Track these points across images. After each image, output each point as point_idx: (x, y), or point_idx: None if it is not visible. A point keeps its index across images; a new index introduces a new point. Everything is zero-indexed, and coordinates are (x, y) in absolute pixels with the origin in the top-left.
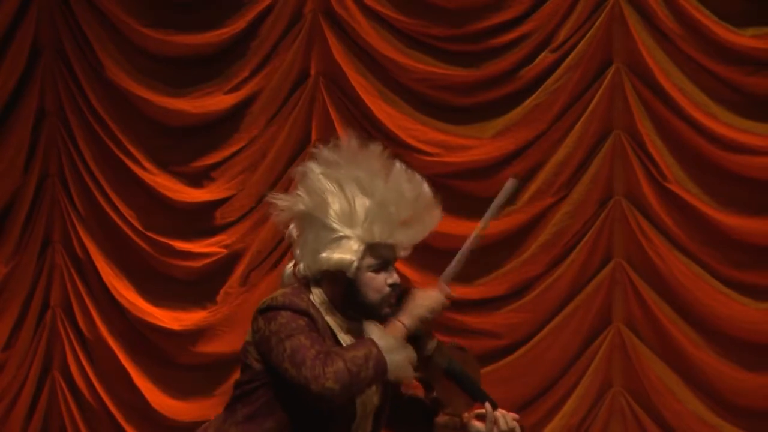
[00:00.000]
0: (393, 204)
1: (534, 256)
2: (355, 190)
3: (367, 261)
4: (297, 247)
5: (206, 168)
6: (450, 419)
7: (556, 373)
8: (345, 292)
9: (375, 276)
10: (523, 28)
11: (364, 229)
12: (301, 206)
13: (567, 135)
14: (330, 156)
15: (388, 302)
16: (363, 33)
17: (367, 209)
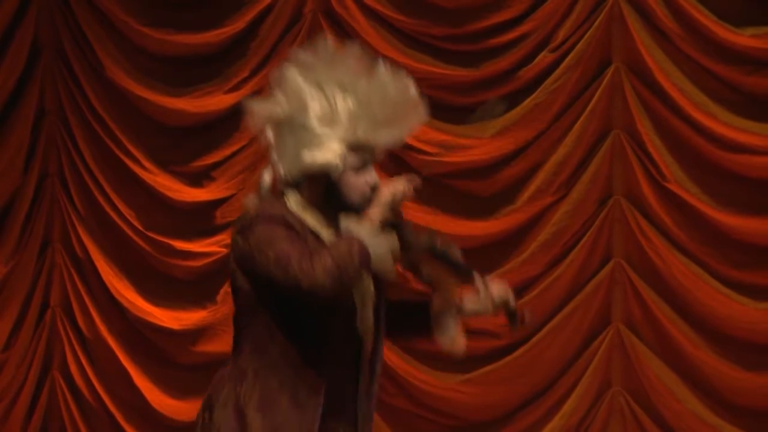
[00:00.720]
0: (377, 103)
1: (533, 256)
2: (336, 90)
3: (348, 162)
4: (275, 151)
5: (206, 167)
6: (444, 303)
7: (555, 372)
8: (325, 193)
9: (356, 177)
10: (523, 27)
11: (347, 128)
12: (279, 110)
13: (566, 134)
14: (307, 58)
15: (367, 200)
16: (363, 33)
17: (350, 109)
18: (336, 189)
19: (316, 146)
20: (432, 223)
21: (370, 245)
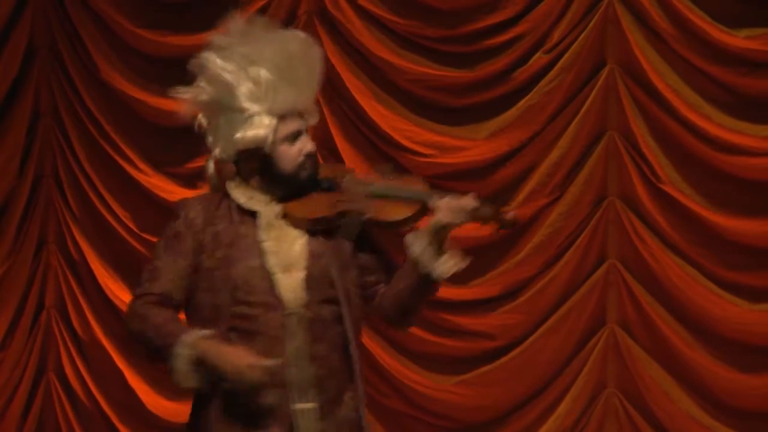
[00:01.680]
0: (285, 67)
1: (528, 257)
2: (249, 64)
3: (280, 133)
4: (209, 135)
5: (200, 169)
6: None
7: (550, 374)
8: (262, 168)
9: (289, 147)
10: (517, 29)
11: (270, 100)
12: (205, 96)
13: (561, 136)
14: (221, 41)
15: (303, 168)
16: (357, 34)
17: (265, 80)
18: (271, 161)
19: (247, 124)
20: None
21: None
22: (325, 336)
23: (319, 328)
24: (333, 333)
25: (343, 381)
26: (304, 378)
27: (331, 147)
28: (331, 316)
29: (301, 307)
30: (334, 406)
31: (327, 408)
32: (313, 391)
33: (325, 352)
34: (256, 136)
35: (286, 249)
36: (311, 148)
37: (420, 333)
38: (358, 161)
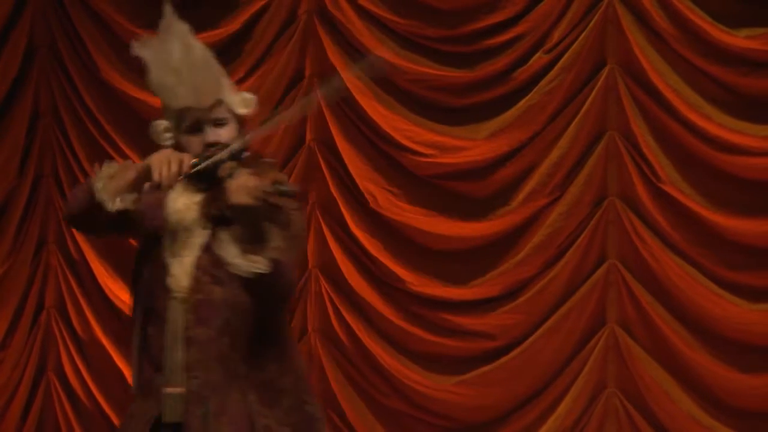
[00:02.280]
0: (163, 70)
1: (528, 257)
2: (157, 60)
3: (181, 126)
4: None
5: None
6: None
7: (550, 374)
8: None
9: (192, 139)
10: (517, 29)
11: (171, 95)
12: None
13: (561, 136)
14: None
15: (203, 154)
16: (357, 34)
17: (155, 79)
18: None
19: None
20: (427, 224)
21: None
22: (212, 319)
23: (207, 311)
24: (227, 316)
25: (236, 366)
26: (175, 362)
27: (331, 146)
28: (223, 301)
29: (186, 290)
30: (219, 393)
31: (207, 393)
32: (183, 376)
33: (209, 337)
34: (155, 126)
35: (182, 233)
36: (212, 138)
37: (420, 333)
38: (358, 161)
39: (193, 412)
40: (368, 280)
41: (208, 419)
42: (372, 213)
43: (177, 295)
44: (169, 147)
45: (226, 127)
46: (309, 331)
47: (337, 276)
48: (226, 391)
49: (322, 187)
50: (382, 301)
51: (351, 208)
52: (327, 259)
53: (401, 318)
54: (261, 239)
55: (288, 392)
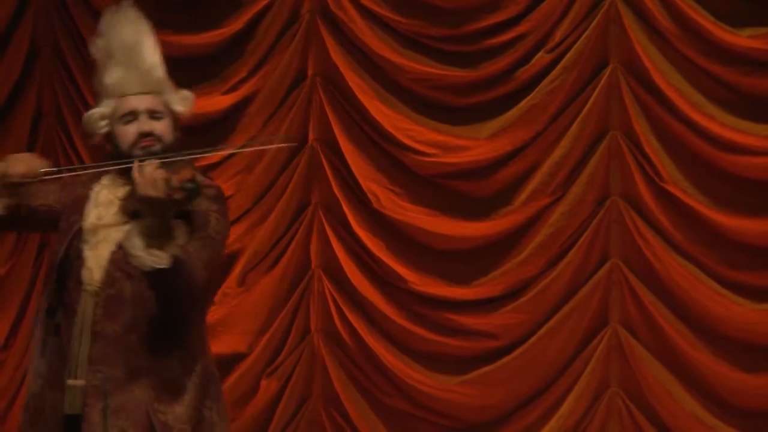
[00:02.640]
0: (104, 57)
1: (530, 257)
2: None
3: (117, 114)
4: None
5: (203, 168)
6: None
7: (553, 374)
8: (113, 150)
9: (126, 127)
10: (520, 28)
11: (102, 86)
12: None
13: (563, 135)
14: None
15: (137, 146)
16: (360, 33)
17: (103, 65)
18: (115, 142)
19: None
20: (430, 224)
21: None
22: (120, 315)
23: (116, 306)
24: (135, 313)
25: (140, 363)
26: (78, 354)
27: (333, 146)
28: (132, 295)
29: (98, 283)
30: (121, 388)
31: (108, 388)
32: (86, 369)
33: (115, 332)
34: (90, 115)
35: (102, 227)
36: (146, 128)
37: (423, 332)
38: (360, 160)
39: (93, 405)
40: (371, 280)
41: (107, 414)
42: (374, 213)
43: (88, 288)
44: (103, 135)
45: (161, 121)
46: (312, 330)
47: (340, 276)
48: (127, 387)
49: (325, 187)
50: (384, 301)
51: (353, 208)
52: (330, 258)
53: (404, 318)
54: (166, 235)
55: (190, 392)
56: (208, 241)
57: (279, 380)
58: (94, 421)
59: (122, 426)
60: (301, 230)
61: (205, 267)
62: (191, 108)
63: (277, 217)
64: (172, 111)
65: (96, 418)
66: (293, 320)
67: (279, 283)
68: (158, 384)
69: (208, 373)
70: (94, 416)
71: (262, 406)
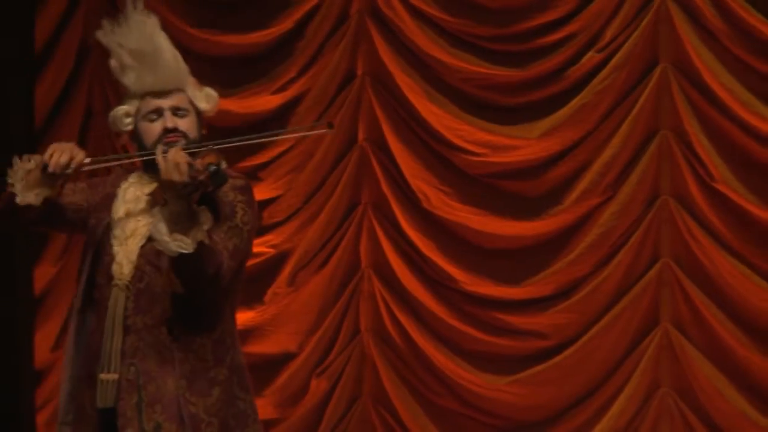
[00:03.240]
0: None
1: (581, 257)
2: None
3: (141, 112)
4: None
5: (253, 168)
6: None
7: (603, 373)
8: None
9: (150, 125)
10: (570, 27)
11: (130, 82)
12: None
13: (613, 135)
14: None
15: (161, 142)
16: (409, 33)
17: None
18: (140, 140)
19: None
20: (480, 223)
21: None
22: (151, 308)
23: (146, 300)
24: (165, 306)
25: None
26: (111, 349)
27: (383, 145)
28: (163, 288)
29: (128, 278)
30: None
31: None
32: (119, 363)
33: (147, 325)
34: (115, 112)
35: (130, 222)
36: (171, 124)
37: (473, 332)
38: (410, 160)
39: (127, 399)
40: (421, 280)
41: (141, 407)
42: (424, 212)
43: (119, 283)
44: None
45: (185, 118)
46: (362, 330)
47: (390, 275)
48: (161, 380)
49: (375, 187)
50: (434, 301)
51: (403, 208)
52: (379, 258)
53: (454, 317)
54: (190, 220)
55: (220, 384)
56: (235, 231)
57: (329, 380)
58: (128, 415)
59: (157, 419)
60: (351, 230)
61: (231, 257)
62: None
63: (326, 216)
64: (196, 108)
65: (130, 411)
66: (343, 320)
67: (329, 283)
68: (190, 375)
69: (238, 366)
70: (128, 410)
71: (312, 406)
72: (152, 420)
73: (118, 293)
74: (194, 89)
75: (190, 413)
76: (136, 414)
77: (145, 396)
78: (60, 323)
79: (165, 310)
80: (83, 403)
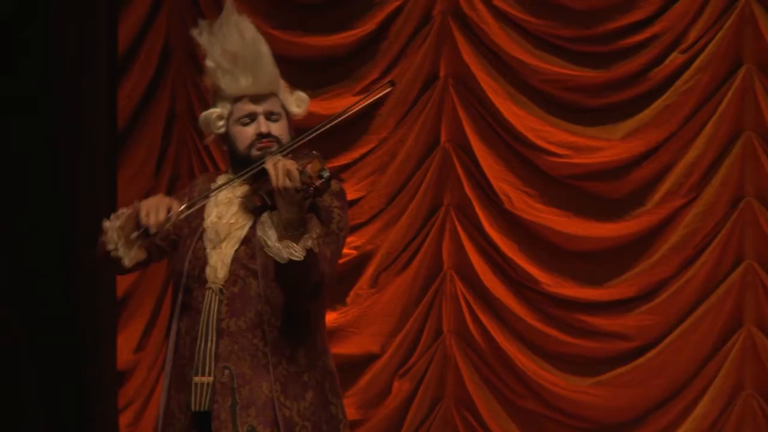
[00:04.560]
0: (220, 57)
1: (664, 258)
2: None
3: (234, 115)
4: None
5: (336, 169)
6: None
7: (686, 375)
8: (231, 151)
9: (244, 129)
10: (653, 28)
11: (218, 86)
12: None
13: (697, 136)
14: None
15: (255, 147)
16: (492, 34)
17: (210, 68)
18: (232, 143)
19: (213, 104)
20: (562, 225)
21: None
22: (245, 312)
23: (240, 303)
24: (259, 309)
25: (266, 359)
26: (205, 352)
27: (465, 147)
28: (257, 293)
29: (222, 281)
30: (248, 384)
31: (238, 384)
32: (213, 366)
33: (241, 328)
34: (207, 115)
35: (224, 226)
36: (264, 129)
37: (555, 334)
38: (493, 162)
39: (222, 402)
40: (503, 281)
41: (235, 410)
42: (507, 214)
43: (213, 286)
44: (220, 135)
45: (278, 123)
46: (444, 332)
47: (472, 277)
48: (255, 383)
49: (457, 188)
50: (517, 302)
51: (486, 209)
52: (462, 260)
53: (536, 319)
54: (301, 227)
55: (313, 388)
56: (332, 237)
57: (412, 381)
58: (223, 418)
59: (251, 422)
60: (434, 231)
61: (329, 263)
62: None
63: (409, 218)
64: (287, 112)
65: (225, 414)
66: (425, 321)
67: (411, 284)
68: (284, 378)
69: (329, 370)
70: (222, 413)
71: (394, 407)
72: (246, 423)
73: (212, 297)
74: (286, 93)
75: (285, 417)
76: (230, 417)
77: (240, 399)
78: (143, 325)
79: (259, 314)
80: (172, 408)
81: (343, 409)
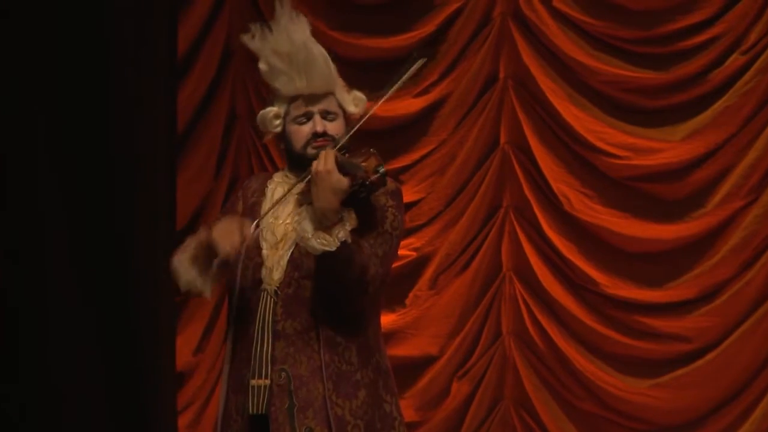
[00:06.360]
0: (273, 59)
1: (724, 260)
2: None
3: (291, 114)
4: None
5: (396, 171)
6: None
7: (746, 377)
8: (287, 150)
9: (299, 127)
10: (714, 30)
11: (281, 84)
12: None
13: (757, 138)
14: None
15: (310, 145)
16: (551, 36)
17: (277, 66)
18: (288, 142)
19: (271, 103)
20: (621, 226)
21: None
22: (301, 313)
23: (295, 305)
24: (314, 311)
25: (321, 360)
26: (261, 354)
27: (525, 148)
28: (312, 294)
29: (277, 283)
30: (305, 386)
31: (295, 386)
32: (269, 369)
33: (296, 330)
34: (264, 114)
35: (279, 226)
36: (320, 128)
37: (614, 335)
38: (552, 163)
39: (279, 405)
40: (562, 283)
41: (293, 412)
42: (566, 215)
43: (268, 288)
44: (277, 134)
45: (335, 122)
46: (503, 333)
47: (531, 278)
48: (311, 385)
49: (516, 190)
50: (576, 304)
51: (545, 211)
52: (521, 261)
53: (595, 320)
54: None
55: (366, 387)
56: (385, 237)
57: (470, 383)
58: (281, 420)
59: (309, 425)
60: (493, 233)
61: (381, 263)
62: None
63: (468, 219)
64: (344, 111)
65: (282, 417)
66: (485, 323)
67: (470, 286)
68: (336, 377)
69: (383, 368)
70: (280, 415)
71: (453, 409)
72: (304, 425)
73: (267, 298)
74: (343, 92)
75: (336, 416)
76: (287, 419)
77: (297, 401)
78: (202, 326)
79: (314, 315)
80: (230, 410)
81: (398, 407)
